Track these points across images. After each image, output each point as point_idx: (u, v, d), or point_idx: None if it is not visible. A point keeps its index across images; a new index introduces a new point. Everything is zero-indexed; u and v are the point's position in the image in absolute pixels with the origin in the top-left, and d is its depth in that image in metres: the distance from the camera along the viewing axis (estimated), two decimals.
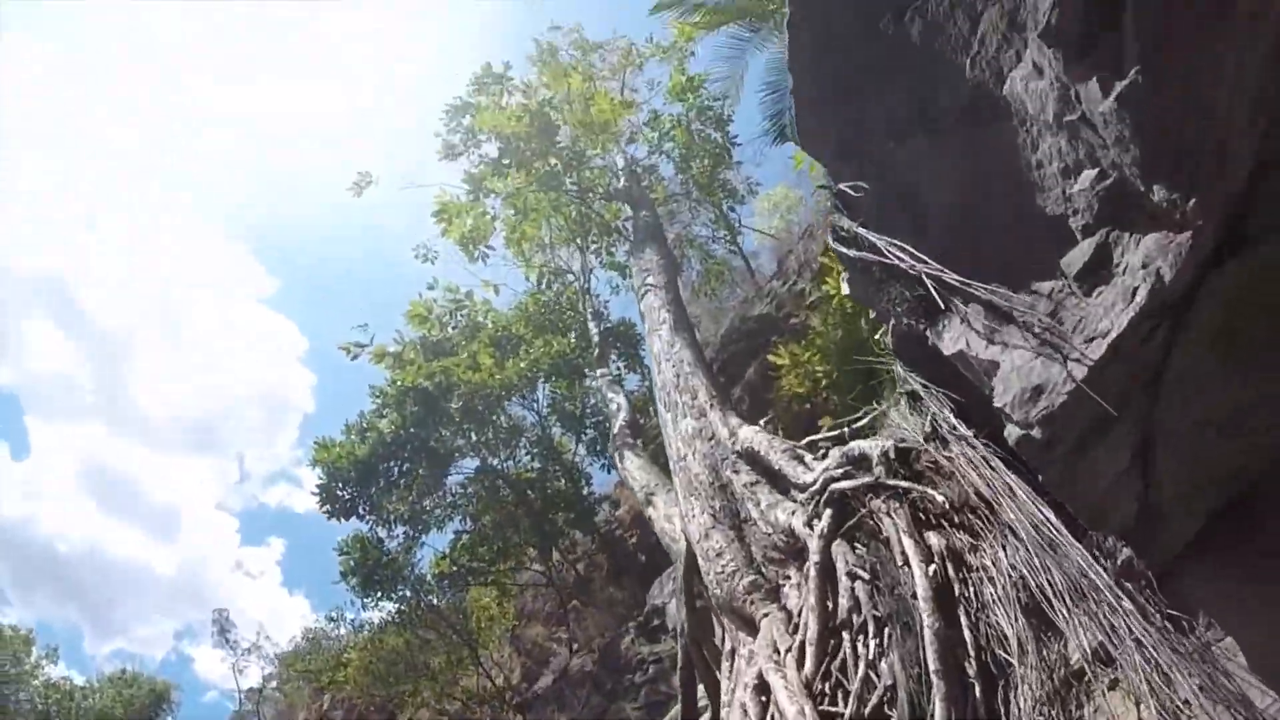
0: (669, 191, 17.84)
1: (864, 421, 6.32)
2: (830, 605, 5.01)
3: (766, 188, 21.36)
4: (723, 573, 6.07)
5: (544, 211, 16.16)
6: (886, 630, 4.60)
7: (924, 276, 4.65)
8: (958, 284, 4.42)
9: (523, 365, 17.16)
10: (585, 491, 18.85)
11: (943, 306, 4.57)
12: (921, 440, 5.45)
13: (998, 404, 4.17)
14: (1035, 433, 4.01)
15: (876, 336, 6.73)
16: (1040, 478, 4.30)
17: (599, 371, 14.91)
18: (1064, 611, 4.18)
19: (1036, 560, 4.35)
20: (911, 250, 4.82)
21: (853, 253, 5.48)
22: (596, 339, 16.16)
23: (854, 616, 4.83)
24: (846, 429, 6.35)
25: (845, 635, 4.80)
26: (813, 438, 6.56)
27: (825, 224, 7.46)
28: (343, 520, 16.68)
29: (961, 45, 4.31)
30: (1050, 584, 4.26)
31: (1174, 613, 4.11)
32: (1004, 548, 4.60)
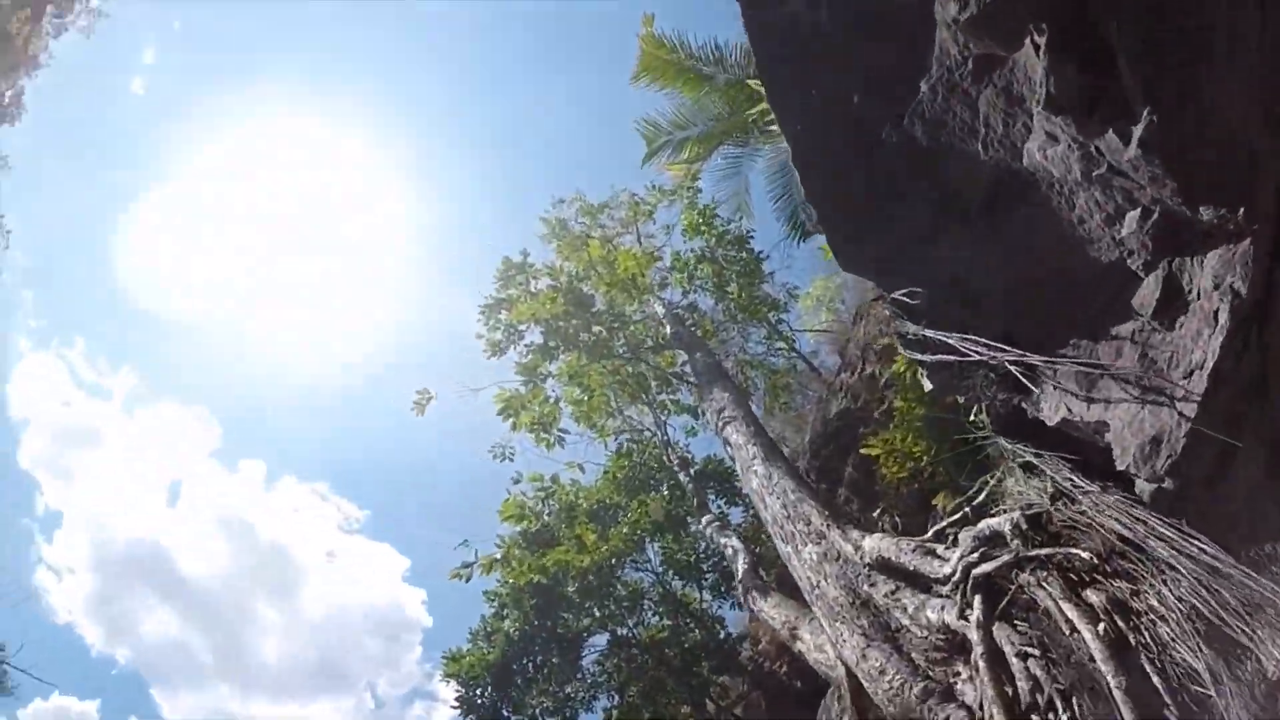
0: (715, 321, 18.04)
1: (982, 496, 6.23)
2: (1010, 691, 4.84)
3: (803, 286, 21.43)
4: (890, 688, 5.89)
5: (604, 383, 16.35)
6: (1074, 700, 4.45)
7: (1006, 364, 4.66)
8: (1041, 363, 4.43)
9: (625, 531, 17.17)
10: (722, 636, 18.52)
11: (1031, 388, 4.57)
12: (1048, 502, 5.35)
13: (1120, 467, 4.13)
14: (1167, 484, 3.97)
15: (970, 412, 6.65)
16: (1183, 521, 4.22)
17: (704, 519, 14.86)
18: (1245, 629, 4.07)
19: (1202, 588, 4.25)
20: (986, 341, 4.83)
21: (927, 357, 5.52)
22: (690, 487, 16.18)
23: (1037, 696, 4.68)
24: (968, 509, 6.25)
25: (1035, 718, 4.64)
26: (937, 526, 6.45)
27: (890, 331, 7.48)
28: None
29: (968, 131, 4.41)
30: (1223, 606, 4.16)
31: None
32: (1165, 584, 4.49)
